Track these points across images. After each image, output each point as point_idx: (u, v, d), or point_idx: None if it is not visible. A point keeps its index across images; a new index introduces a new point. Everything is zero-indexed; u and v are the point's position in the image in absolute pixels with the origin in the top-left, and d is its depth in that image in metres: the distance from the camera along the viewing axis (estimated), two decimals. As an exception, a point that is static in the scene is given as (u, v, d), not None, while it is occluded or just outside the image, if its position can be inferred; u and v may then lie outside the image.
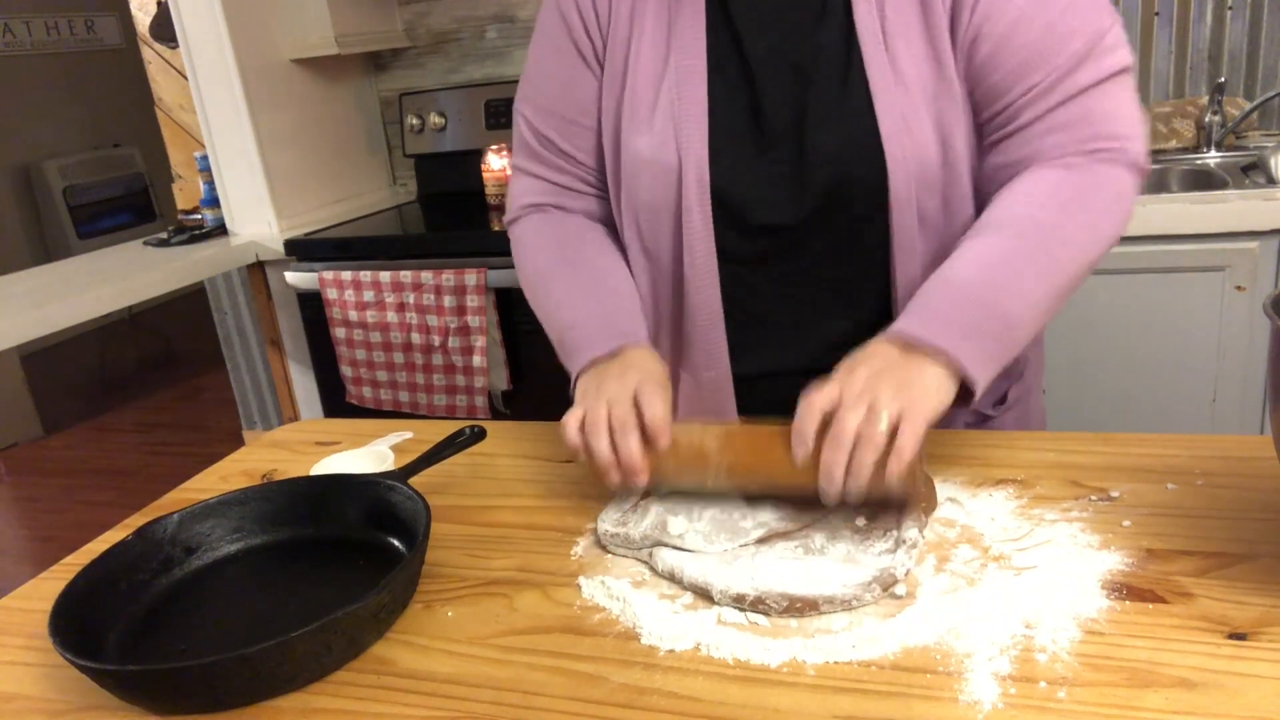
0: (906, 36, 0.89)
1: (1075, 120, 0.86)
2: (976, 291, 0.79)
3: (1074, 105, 0.86)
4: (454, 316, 2.13)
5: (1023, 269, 0.81)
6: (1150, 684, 0.57)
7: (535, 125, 1.02)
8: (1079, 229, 0.84)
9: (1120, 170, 0.86)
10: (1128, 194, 0.87)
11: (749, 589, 0.68)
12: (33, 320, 1.90)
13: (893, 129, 0.88)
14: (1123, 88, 0.87)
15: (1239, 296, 1.77)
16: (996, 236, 0.83)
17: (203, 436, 3.73)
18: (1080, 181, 0.85)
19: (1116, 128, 0.87)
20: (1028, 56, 0.86)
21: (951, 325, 0.77)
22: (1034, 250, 0.82)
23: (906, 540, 0.72)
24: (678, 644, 0.66)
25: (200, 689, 0.63)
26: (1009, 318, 0.79)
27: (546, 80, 1.01)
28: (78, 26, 5.27)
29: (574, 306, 0.94)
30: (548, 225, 1.03)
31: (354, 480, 0.86)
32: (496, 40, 2.68)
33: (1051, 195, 0.84)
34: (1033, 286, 0.80)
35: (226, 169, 2.46)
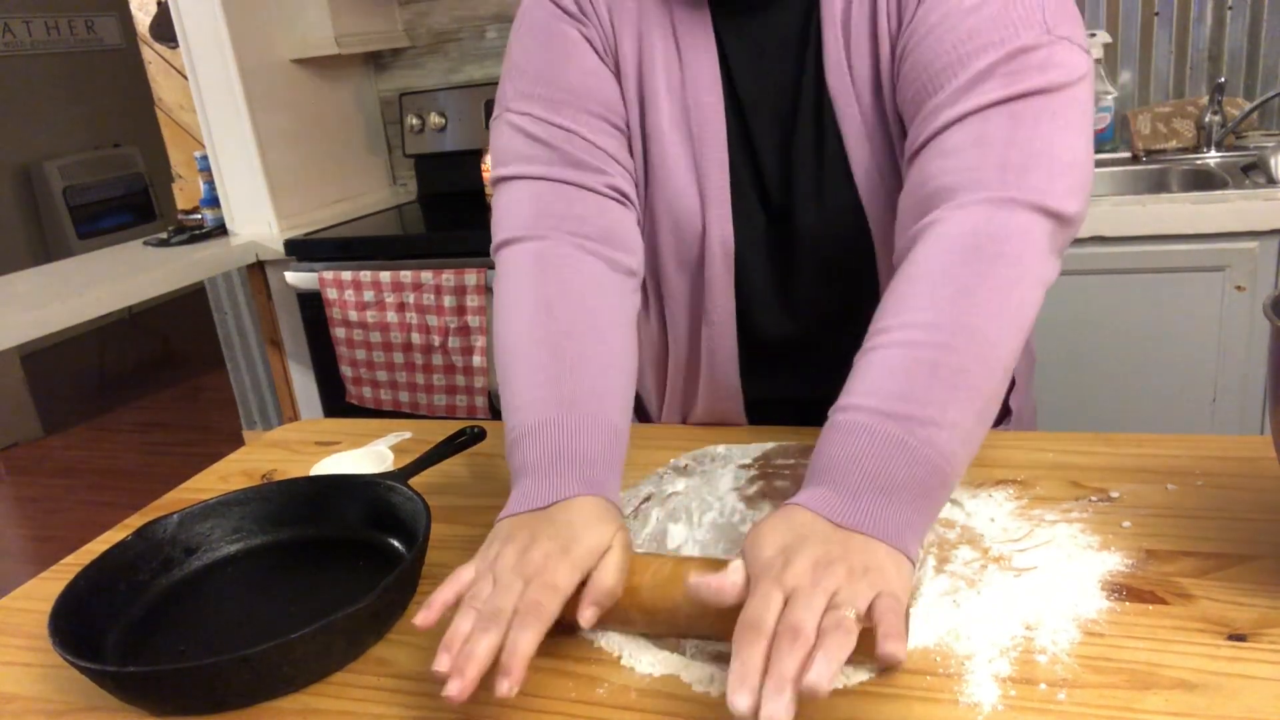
0: (870, 78, 0.83)
1: (962, 147, 0.72)
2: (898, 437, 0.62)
3: (964, 127, 0.72)
4: (454, 316, 2.13)
5: (940, 393, 0.63)
6: (1150, 685, 0.57)
7: (554, 120, 0.84)
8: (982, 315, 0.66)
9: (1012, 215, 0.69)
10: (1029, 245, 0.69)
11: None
12: (33, 320, 1.90)
13: (866, 181, 0.84)
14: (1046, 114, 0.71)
15: (1239, 296, 1.77)
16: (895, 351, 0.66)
17: (203, 436, 3.73)
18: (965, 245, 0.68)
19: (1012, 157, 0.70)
20: (935, 70, 0.75)
21: (875, 492, 0.61)
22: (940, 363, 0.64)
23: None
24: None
25: (200, 690, 0.63)
26: (938, 465, 0.62)
27: (559, 73, 0.85)
28: (78, 26, 5.27)
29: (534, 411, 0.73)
30: (541, 265, 0.81)
31: (354, 480, 0.86)
32: (496, 40, 2.68)
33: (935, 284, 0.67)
34: (956, 415, 0.63)
35: (226, 169, 2.46)
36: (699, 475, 0.86)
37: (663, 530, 0.77)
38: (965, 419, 0.63)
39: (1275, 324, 0.62)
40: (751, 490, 0.82)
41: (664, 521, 0.78)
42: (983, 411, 0.64)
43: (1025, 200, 0.69)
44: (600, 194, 0.85)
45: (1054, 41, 0.73)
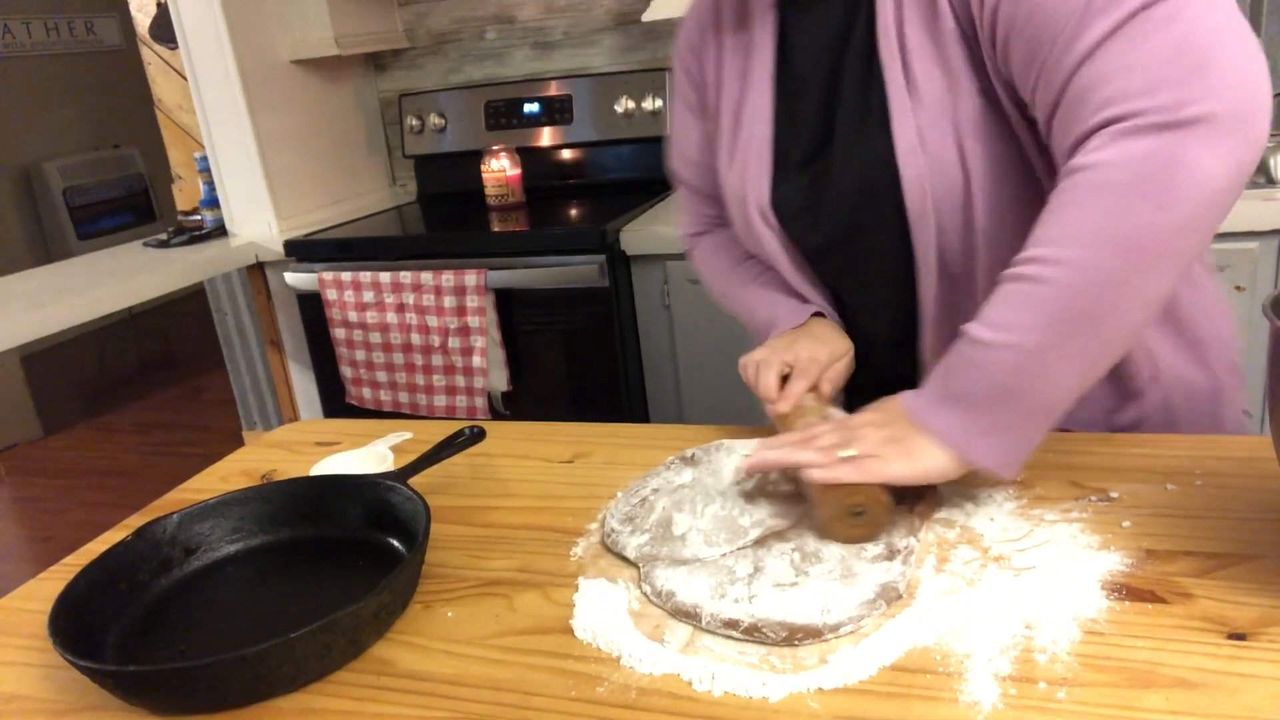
0: (922, 49, 0.84)
1: (1083, 91, 0.70)
2: (968, 351, 0.72)
3: (1084, 72, 0.70)
4: (454, 317, 2.13)
5: (1014, 315, 0.70)
6: (1150, 684, 0.57)
7: (679, 172, 1.15)
8: (1089, 242, 0.68)
9: (1137, 142, 0.66)
10: (1162, 169, 0.66)
11: (744, 615, 0.66)
12: (33, 320, 1.90)
13: (907, 148, 0.85)
14: (1162, 23, 0.67)
15: (1239, 296, 1.77)
16: (1001, 281, 0.72)
17: (203, 437, 3.73)
18: (1082, 185, 0.69)
19: (1133, 83, 0.67)
20: (1035, 32, 0.73)
21: (940, 397, 0.74)
22: (1027, 289, 0.70)
23: (902, 549, 0.72)
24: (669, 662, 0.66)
25: (200, 689, 0.63)
26: (1000, 379, 0.70)
27: (679, 128, 1.12)
28: (78, 27, 5.27)
29: (760, 293, 1.06)
30: (722, 240, 1.14)
31: (354, 480, 0.86)
32: (496, 41, 2.68)
33: (1050, 221, 0.70)
34: (1028, 336, 0.70)
35: (226, 170, 2.46)
36: (705, 465, 0.88)
37: (668, 518, 0.79)
38: (1040, 343, 0.69)
39: (1275, 324, 0.62)
40: (749, 486, 0.82)
41: (669, 510, 0.80)
42: (1065, 330, 0.68)
43: (1161, 122, 0.66)
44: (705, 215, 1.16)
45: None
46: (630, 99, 2.46)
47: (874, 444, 0.74)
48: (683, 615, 0.68)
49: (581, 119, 2.52)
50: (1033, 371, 0.69)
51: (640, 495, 0.84)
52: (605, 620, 0.69)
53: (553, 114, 2.55)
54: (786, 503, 0.80)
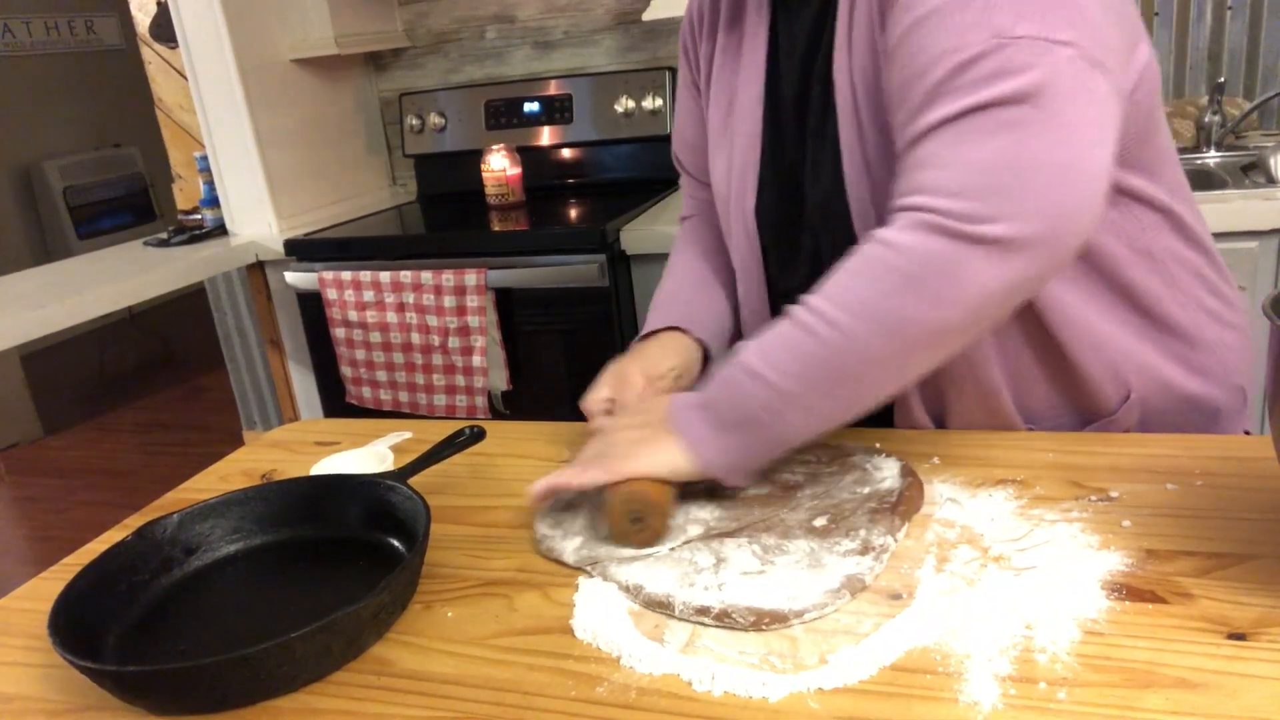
0: (870, 68, 0.83)
1: (908, 169, 0.72)
2: (737, 378, 0.76)
3: (913, 150, 0.72)
4: (454, 317, 2.13)
5: (785, 358, 0.74)
6: (1150, 684, 0.57)
7: (677, 152, 1.16)
8: (866, 318, 0.71)
9: (932, 240, 0.68)
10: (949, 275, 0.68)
11: (714, 602, 0.68)
12: (33, 320, 1.89)
13: (853, 171, 0.87)
14: (998, 128, 0.67)
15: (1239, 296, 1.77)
16: (784, 319, 0.75)
17: (203, 436, 3.73)
18: (885, 259, 0.71)
19: (944, 180, 0.68)
20: (893, 89, 0.75)
21: (700, 409, 0.78)
22: (801, 338, 0.73)
23: (876, 546, 0.72)
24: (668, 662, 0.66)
25: (200, 689, 0.63)
26: (755, 410, 0.75)
27: (679, 111, 1.13)
28: (78, 26, 5.27)
29: (671, 285, 1.10)
30: (697, 227, 1.15)
31: (354, 480, 0.86)
32: (496, 40, 2.68)
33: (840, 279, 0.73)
34: (791, 381, 0.73)
35: (226, 169, 2.46)
36: None
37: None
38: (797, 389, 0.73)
39: (1275, 324, 0.62)
40: (696, 487, 0.83)
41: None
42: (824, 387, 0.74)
43: (953, 229, 0.67)
44: (698, 199, 1.15)
45: (1004, 45, 0.67)
46: (630, 99, 2.46)
47: (624, 445, 0.79)
48: (656, 606, 0.69)
49: (581, 119, 2.52)
50: (777, 411, 0.75)
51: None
52: (605, 620, 0.69)
53: (553, 114, 2.55)
54: (741, 505, 0.81)
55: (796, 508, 0.79)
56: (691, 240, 1.15)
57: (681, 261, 1.13)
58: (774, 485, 0.84)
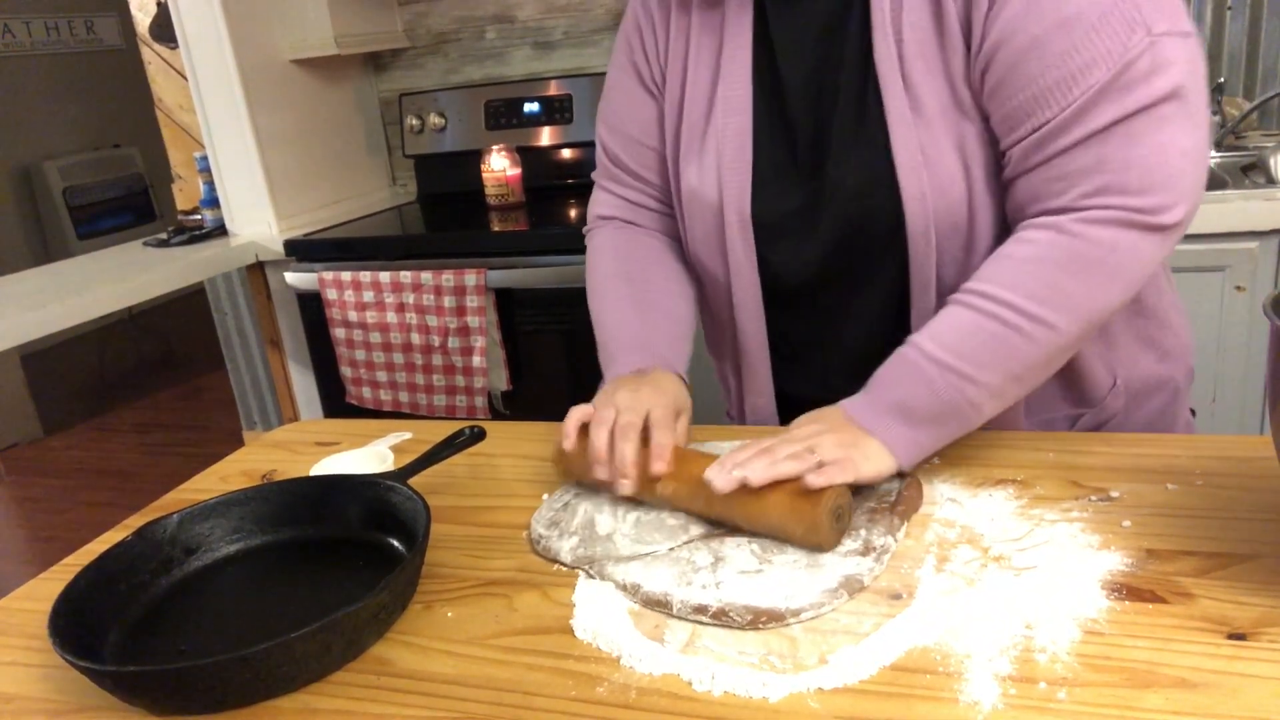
0: (924, 58, 0.82)
1: (1084, 170, 0.76)
2: (928, 375, 0.78)
3: (1087, 150, 0.76)
4: (454, 317, 2.13)
5: (986, 355, 0.78)
6: (1150, 684, 0.57)
7: (606, 144, 1.06)
8: (1066, 310, 0.77)
9: (1126, 233, 0.76)
10: (1138, 259, 0.77)
11: (712, 600, 0.68)
12: (33, 320, 1.89)
13: (909, 162, 0.83)
14: (1158, 124, 0.74)
15: (1239, 296, 1.77)
16: (971, 312, 0.79)
17: (203, 436, 3.73)
18: (1077, 251, 0.76)
19: (1130, 179, 0.75)
20: (1039, 90, 0.76)
21: (891, 409, 0.79)
22: (1007, 335, 0.77)
23: (878, 547, 0.72)
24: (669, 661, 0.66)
25: (200, 690, 0.63)
26: (956, 405, 0.79)
27: (616, 100, 1.04)
28: (78, 27, 5.26)
29: (619, 320, 0.98)
30: (619, 239, 1.06)
31: (354, 481, 0.86)
32: (496, 41, 2.68)
33: (1042, 271, 0.78)
34: (993, 375, 0.78)
35: (226, 169, 2.46)
36: None
37: (591, 519, 0.81)
38: (998, 381, 0.78)
39: (1275, 324, 0.62)
40: None
41: (592, 513, 0.82)
42: (1021, 377, 0.79)
43: (1141, 222, 0.76)
44: (652, 210, 1.06)
45: (1156, 41, 0.73)
46: (630, 99, 2.45)
47: (836, 449, 0.76)
48: (655, 605, 0.69)
49: (581, 119, 2.52)
50: (978, 404, 0.79)
51: (563, 500, 0.86)
52: (605, 620, 0.69)
53: (553, 114, 2.55)
54: None
55: None
56: (622, 252, 1.04)
57: (624, 282, 1.01)
58: None
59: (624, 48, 1.02)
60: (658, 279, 1.01)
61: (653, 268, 1.02)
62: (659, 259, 1.04)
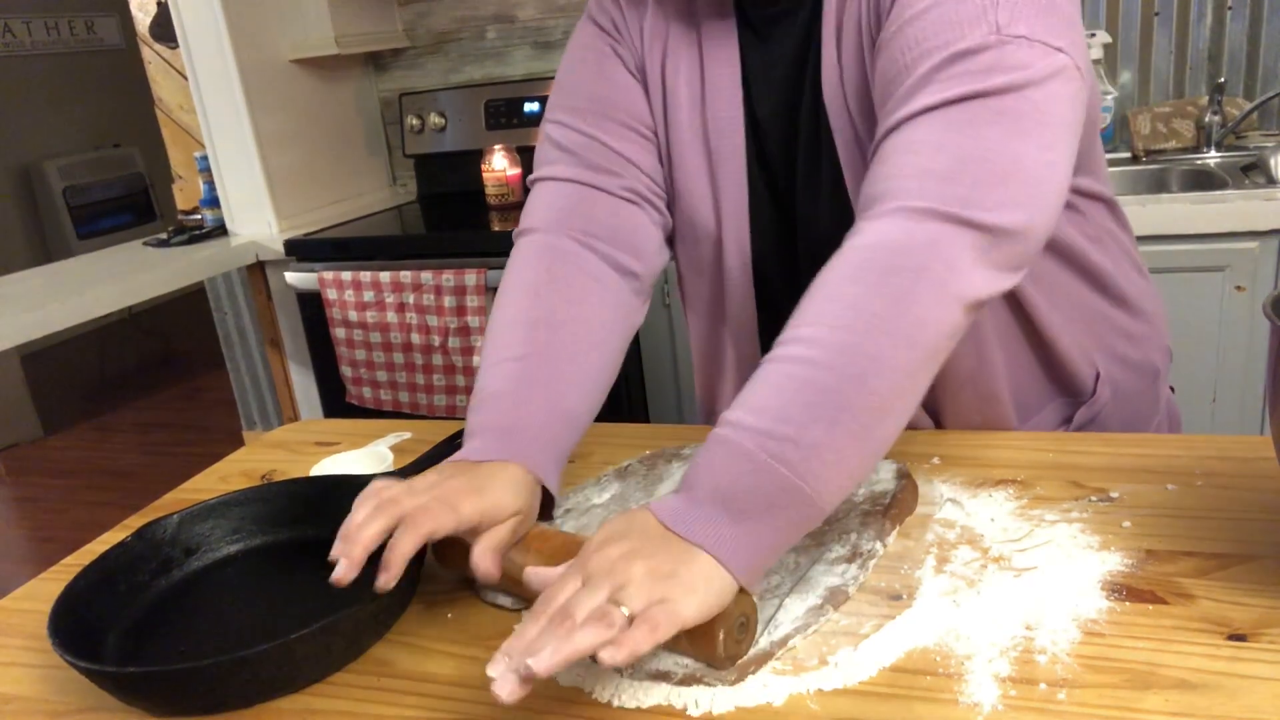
0: (863, 85, 0.79)
1: (888, 156, 0.69)
2: (749, 451, 0.61)
3: (897, 135, 0.69)
4: (454, 317, 2.13)
5: (802, 413, 0.61)
6: (1150, 685, 0.57)
7: (579, 128, 0.89)
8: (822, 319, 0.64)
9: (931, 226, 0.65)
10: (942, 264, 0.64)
11: (676, 667, 0.61)
12: (33, 320, 1.90)
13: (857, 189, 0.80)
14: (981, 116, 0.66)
15: (1239, 296, 1.77)
16: (776, 364, 0.64)
17: (203, 437, 3.73)
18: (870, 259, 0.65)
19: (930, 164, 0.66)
20: (888, 77, 0.72)
21: (714, 502, 0.60)
22: (816, 382, 0.62)
23: (864, 552, 0.71)
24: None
25: (200, 690, 0.63)
26: (790, 485, 0.60)
27: (589, 85, 0.91)
28: (78, 27, 5.27)
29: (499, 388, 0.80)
30: (546, 258, 0.86)
31: (354, 480, 0.86)
32: (496, 40, 2.68)
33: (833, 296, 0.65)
34: (820, 435, 0.60)
35: (226, 169, 2.46)
36: (639, 478, 0.87)
37: None
38: (828, 438, 0.60)
39: (1275, 324, 0.62)
40: None
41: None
42: (860, 431, 0.61)
43: (944, 211, 0.64)
44: (615, 195, 0.89)
45: (1004, 42, 0.67)
46: (630, 99, 2.45)
47: (647, 588, 0.56)
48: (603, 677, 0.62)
49: (581, 119, 2.52)
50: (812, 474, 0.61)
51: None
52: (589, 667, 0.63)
53: (553, 114, 2.55)
54: None
55: None
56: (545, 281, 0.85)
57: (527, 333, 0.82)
58: None
59: (596, 37, 0.91)
60: (573, 323, 0.84)
61: (573, 307, 0.84)
62: (584, 294, 0.86)
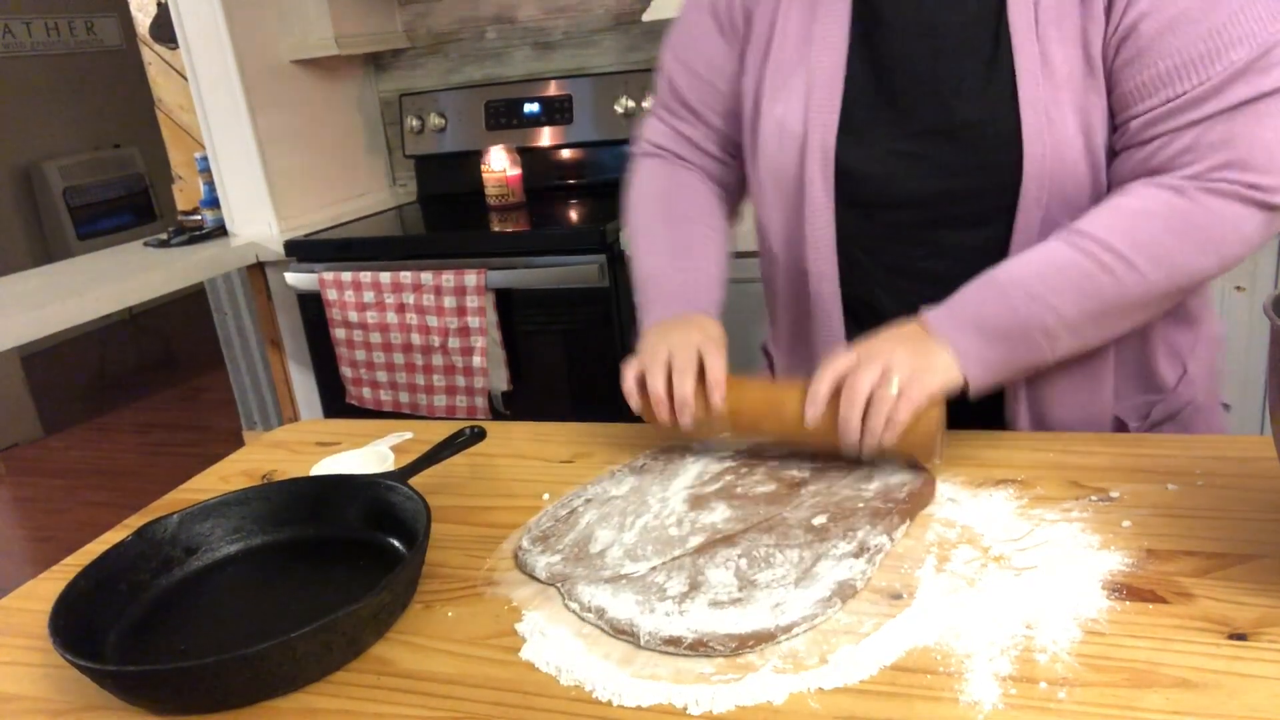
0: (1059, 24, 0.83)
1: (1215, 143, 0.79)
2: (1012, 296, 0.81)
3: (1217, 125, 0.79)
4: (454, 317, 2.13)
5: (1071, 288, 0.80)
6: (1150, 684, 0.57)
7: (670, 75, 1.05)
8: (1160, 264, 0.80)
9: (1241, 208, 0.79)
10: (1242, 234, 0.80)
11: (684, 631, 0.64)
12: (33, 320, 1.90)
13: (1034, 123, 0.84)
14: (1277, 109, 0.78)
15: (1239, 296, 1.77)
16: (1067, 246, 0.81)
17: (203, 437, 3.73)
18: (1187, 213, 0.80)
19: (1255, 157, 0.78)
20: (1181, 61, 0.79)
21: (969, 321, 0.82)
22: (1095, 272, 0.80)
23: (872, 547, 0.72)
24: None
25: (200, 689, 0.63)
26: (1031, 330, 0.81)
27: (689, 34, 1.03)
28: (78, 27, 5.27)
29: (658, 264, 1.01)
30: (663, 174, 1.07)
31: (354, 480, 0.86)
32: (496, 41, 2.68)
33: (1146, 223, 0.80)
34: (1074, 309, 0.81)
35: (226, 169, 2.46)
36: (654, 473, 0.88)
37: (588, 535, 0.79)
38: (1077, 315, 0.81)
39: (1275, 324, 0.62)
40: (710, 489, 0.83)
41: (593, 525, 0.80)
42: (1100, 318, 0.82)
43: (1256, 199, 0.79)
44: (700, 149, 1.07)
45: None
46: (630, 99, 2.46)
47: (908, 364, 0.79)
48: (622, 634, 0.66)
49: (581, 119, 2.52)
50: (1055, 336, 0.82)
51: (570, 506, 0.84)
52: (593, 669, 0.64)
53: (553, 114, 2.55)
54: (752, 503, 0.80)
55: (799, 505, 0.79)
56: (665, 190, 1.06)
57: (664, 225, 1.04)
58: (780, 483, 0.84)
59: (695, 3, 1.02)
60: (698, 223, 1.04)
61: (694, 212, 1.04)
62: (702, 202, 1.05)
